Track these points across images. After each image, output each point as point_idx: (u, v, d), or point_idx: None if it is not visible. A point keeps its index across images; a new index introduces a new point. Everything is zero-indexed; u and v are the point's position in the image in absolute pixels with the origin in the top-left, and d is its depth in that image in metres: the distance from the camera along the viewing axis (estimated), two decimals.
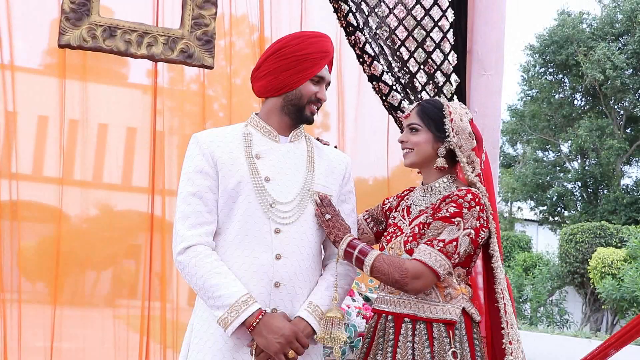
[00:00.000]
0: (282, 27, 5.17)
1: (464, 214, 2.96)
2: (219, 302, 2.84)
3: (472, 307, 3.07)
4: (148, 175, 4.91)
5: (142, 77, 5.15)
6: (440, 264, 2.90)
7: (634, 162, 29.80)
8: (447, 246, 2.91)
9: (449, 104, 3.18)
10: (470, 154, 3.12)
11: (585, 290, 20.75)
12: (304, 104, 3.11)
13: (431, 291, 3.02)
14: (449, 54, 3.81)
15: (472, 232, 2.95)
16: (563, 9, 29.55)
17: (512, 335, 3.02)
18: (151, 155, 4.90)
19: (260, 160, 3.05)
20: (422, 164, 3.22)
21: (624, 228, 20.46)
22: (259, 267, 2.93)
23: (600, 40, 27.79)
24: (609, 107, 28.71)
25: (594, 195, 29.50)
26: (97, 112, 4.86)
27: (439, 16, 3.81)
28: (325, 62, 3.14)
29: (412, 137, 3.19)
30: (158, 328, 4.79)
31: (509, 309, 3.06)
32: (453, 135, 3.10)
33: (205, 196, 2.96)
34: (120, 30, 4.20)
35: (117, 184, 4.90)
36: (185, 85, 5.17)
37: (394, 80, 3.80)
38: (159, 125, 4.98)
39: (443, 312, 2.99)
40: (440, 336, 2.96)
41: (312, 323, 2.95)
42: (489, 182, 3.18)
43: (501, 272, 3.10)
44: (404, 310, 3.05)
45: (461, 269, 3.07)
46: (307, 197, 3.08)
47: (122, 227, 4.92)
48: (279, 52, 3.09)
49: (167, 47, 4.28)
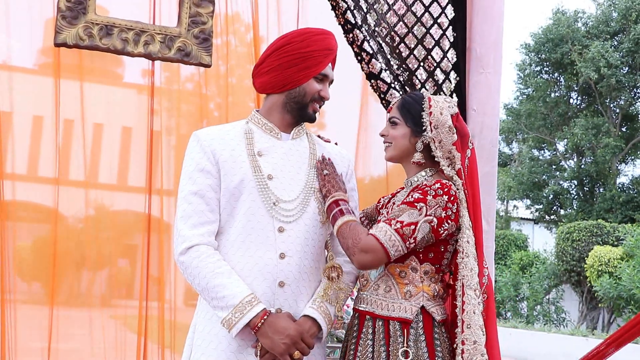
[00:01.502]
0: (277, 25, 5.15)
1: (428, 201, 2.89)
2: (222, 302, 2.80)
3: (433, 306, 2.98)
4: (144, 175, 4.89)
5: (137, 77, 5.13)
6: (394, 244, 2.84)
7: (630, 160, 29.85)
8: (405, 228, 2.85)
9: (431, 97, 3.12)
10: (450, 149, 3.05)
11: (582, 288, 20.76)
12: (307, 102, 3.08)
13: (391, 287, 2.97)
14: (448, 52, 3.78)
15: (435, 220, 2.87)
16: (558, 7, 29.62)
17: (467, 336, 2.88)
18: (149, 155, 4.87)
19: (263, 157, 3.01)
20: (401, 158, 3.18)
21: (620, 226, 20.47)
22: (262, 267, 2.89)
23: (595, 39, 27.86)
24: (604, 105, 28.77)
25: (590, 193, 29.54)
26: (92, 111, 4.84)
27: (438, 13, 3.78)
28: (329, 60, 3.11)
29: (391, 131, 3.15)
30: (155, 328, 4.77)
31: (468, 308, 2.91)
32: (431, 129, 3.04)
33: (207, 195, 2.92)
34: (116, 28, 4.16)
35: (112, 184, 4.88)
36: (181, 84, 5.15)
37: (392, 78, 3.78)
38: (155, 124, 4.96)
39: (400, 310, 2.93)
40: (395, 335, 2.91)
41: (318, 319, 2.91)
42: (473, 178, 3.10)
43: (465, 269, 2.95)
44: (366, 308, 3.02)
45: (430, 265, 2.99)
46: (310, 194, 3.05)
47: (118, 227, 4.90)
48: (283, 48, 3.05)
49: (164, 45, 4.24)
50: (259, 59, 3.16)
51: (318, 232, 3.05)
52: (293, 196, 3.00)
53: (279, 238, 2.93)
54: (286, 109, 3.09)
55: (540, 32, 29.37)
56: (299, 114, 3.10)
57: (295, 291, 2.94)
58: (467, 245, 2.98)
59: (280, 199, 2.96)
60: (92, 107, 4.83)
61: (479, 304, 2.95)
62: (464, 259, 2.97)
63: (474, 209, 3.06)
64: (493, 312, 3.09)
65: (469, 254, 2.98)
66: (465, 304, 2.92)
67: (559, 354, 14.69)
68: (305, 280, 2.98)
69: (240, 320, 2.78)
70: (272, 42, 3.16)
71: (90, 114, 4.81)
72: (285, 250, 2.93)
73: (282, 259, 2.91)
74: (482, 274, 3.04)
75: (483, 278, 3.04)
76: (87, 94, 4.79)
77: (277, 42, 3.11)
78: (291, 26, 5.11)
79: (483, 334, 2.91)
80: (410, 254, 2.96)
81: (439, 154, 3.05)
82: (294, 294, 2.94)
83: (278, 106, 3.11)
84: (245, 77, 5.20)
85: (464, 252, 2.98)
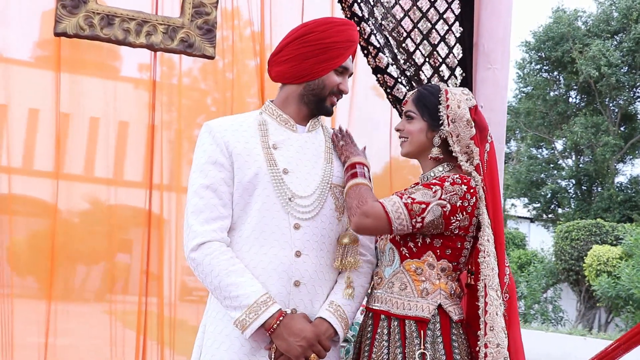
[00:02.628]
0: (278, 19, 5.10)
1: (445, 186, 2.81)
2: (236, 302, 2.70)
3: (450, 305, 2.88)
4: (141, 170, 4.85)
5: (135, 71, 5.07)
6: (399, 216, 2.75)
7: (628, 160, 29.86)
8: (415, 205, 2.76)
9: (448, 89, 3.02)
10: (469, 144, 2.95)
11: (580, 287, 20.73)
12: (325, 95, 2.97)
13: (407, 285, 2.87)
14: (453, 47, 3.73)
15: (449, 206, 2.78)
16: (558, 6, 29.61)
17: (490, 339, 2.77)
18: (148, 150, 4.83)
19: (278, 150, 2.90)
20: (418, 154, 3.08)
21: (619, 226, 20.45)
22: (278, 265, 2.79)
23: (596, 38, 27.85)
24: (603, 104, 28.77)
25: (588, 192, 29.57)
26: (88, 105, 4.78)
27: (445, 8, 3.74)
28: (350, 52, 3.00)
29: (407, 126, 3.05)
30: (153, 324, 4.72)
31: (490, 310, 2.80)
32: (448, 123, 2.94)
33: (220, 189, 2.81)
34: (118, 18, 4.07)
35: (109, 178, 4.82)
36: (178, 79, 5.09)
37: (399, 72, 3.72)
38: (152, 119, 4.92)
39: (416, 308, 2.83)
40: (411, 336, 2.80)
41: (334, 324, 2.81)
42: (493, 174, 3.00)
43: (487, 269, 2.85)
44: (381, 307, 2.92)
45: (447, 262, 2.89)
46: (327, 190, 2.93)
47: (114, 221, 4.84)
48: (304, 37, 2.93)
49: (166, 36, 4.15)
50: (277, 46, 3.04)
51: (335, 230, 2.94)
52: (309, 191, 2.89)
53: (294, 235, 2.83)
54: (303, 100, 2.99)
55: (541, 30, 29.35)
56: (316, 107, 3.00)
57: (311, 291, 2.84)
58: (488, 243, 2.87)
59: (296, 195, 2.85)
60: (88, 100, 4.77)
61: (501, 305, 2.85)
62: (485, 258, 2.87)
63: (493, 206, 2.95)
64: (516, 314, 2.99)
65: (489, 253, 2.87)
66: (488, 305, 2.82)
67: (557, 353, 14.66)
68: (322, 280, 2.87)
69: (255, 321, 2.68)
70: (291, 30, 3.03)
71: (86, 107, 4.76)
72: (301, 248, 2.82)
73: (298, 257, 2.81)
74: (504, 274, 2.94)
75: (505, 278, 2.94)
76: (84, 87, 4.73)
77: (298, 30, 2.99)
78: (291, 21, 5.06)
79: (505, 337, 2.81)
80: (427, 249, 2.88)
81: (457, 149, 2.96)
82: (309, 294, 2.84)
83: (294, 97, 3.00)
84: (243, 72, 5.16)
85: (485, 250, 2.87)
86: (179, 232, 4.78)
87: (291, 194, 2.84)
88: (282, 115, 2.99)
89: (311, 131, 3.03)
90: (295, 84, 2.98)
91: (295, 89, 2.99)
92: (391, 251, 2.97)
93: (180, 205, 4.81)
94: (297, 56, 2.93)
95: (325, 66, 2.92)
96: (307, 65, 2.92)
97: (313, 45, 2.91)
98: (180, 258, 4.81)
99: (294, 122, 2.99)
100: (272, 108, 3.02)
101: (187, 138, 5.01)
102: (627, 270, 16.17)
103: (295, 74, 2.95)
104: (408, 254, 2.92)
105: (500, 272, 2.90)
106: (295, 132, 2.98)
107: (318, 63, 2.91)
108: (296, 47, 2.94)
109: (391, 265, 2.96)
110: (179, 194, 4.86)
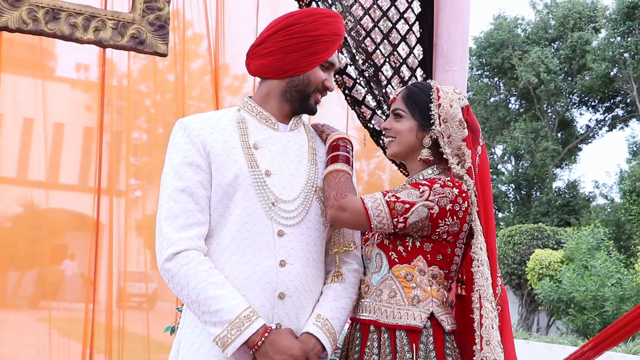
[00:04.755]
0: (226, 21, 5.01)
1: (435, 188, 2.62)
2: (216, 317, 2.44)
3: (443, 314, 2.69)
4: (77, 173, 4.71)
5: (71, 71, 4.94)
6: (379, 214, 2.57)
7: (565, 165, 30.43)
8: (398, 204, 2.58)
9: (439, 87, 2.83)
10: (460, 145, 2.75)
11: (522, 291, 20.94)
12: (310, 92, 2.74)
13: (396, 292, 2.67)
14: (414, 48, 3.65)
15: (436, 208, 2.59)
16: (499, 13, 30.09)
17: (486, 354, 2.58)
18: (85, 152, 4.68)
19: (259, 151, 2.66)
20: (406, 155, 2.87)
21: (560, 230, 20.75)
22: (261, 276, 2.54)
23: (535, 45, 28.39)
24: (542, 110, 29.29)
25: (527, 197, 30.08)
26: (22, 106, 4.63)
27: (405, 7, 3.65)
28: (337, 46, 2.78)
29: (395, 124, 2.83)
30: (87, 330, 4.58)
31: (486, 323, 2.61)
32: (439, 122, 2.75)
33: (196, 192, 2.55)
34: (64, 12, 3.86)
35: (42, 181, 4.66)
36: (117, 80, 4.95)
37: (357, 73, 3.62)
38: (90, 121, 4.78)
39: (407, 317, 2.63)
40: (403, 349, 2.60)
41: (322, 340, 2.58)
42: (484, 178, 2.81)
43: (481, 279, 2.65)
44: (369, 316, 2.70)
45: (438, 269, 2.70)
46: (312, 194, 2.70)
47: (49, 226, 4.69)
48: (289, 29, 2.70)
49: (116, 32, 3.94)
50: (258, 38, 2.80)
51: (321, 237, 2.73)
52: (293, 195, 2.66)
53: (278, 243, 2.59)
54: (285, 97, 2.75)
55: (482, 36, 29.77)
56: (299, 105, 2.77)
57: (296, 304, 2.60)
58: (481, 252, 2.69)
59: (279, 199, 2.62)
60: (22, 101, 4.62)
61: (496, 317, 2.67)
62: (479, 268, 2.68)
63: (485, 212, 2.76)
64: (509, 326, 2.80)
65: (483, 262, 2.68)
66: (484, 318, 2.63)
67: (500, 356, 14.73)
68: (307, 291, 2.65)
69: (238, 338, 2.42)
70: (274, 20, 2.79)
71: (19, 108, 4.61)
72: (286, 257, 2.59)
73: (283, 267, 2.57)
74: (496, 284, 2.75)
75: (497, 288, 2.75)
76: (17, 87, 4.59)
77: (282, 21, 2.75)
78: (243, 22, 4.98)
79: (502, 351, 2.63)
80: (417, 253, 2.69)
81: (448, 151, 2.76)
82: (295, 307, 2.60)
83: (276, 94, 2.76)
84: (184, 74, 5.06)
85: (479, 259, 2.68)
86: (117, 236, 4.65)
87: (274, 198, 2.61)
88: (263, 113, 2.74)
89: (293, 130, 2.79)
90: (278, 79, 2.74)
91: (278, 85, 2.75)
92: (378, 257, 2.77)
93: (119, 210, 4.70)
94: (281, 49, 2.70)
95: (311, 60, 2.71)
96: (291, 59, 2.70)
97: (298, 37, 2.69)
98: (118, 263, 4.69)
99: (275, 119, 2.75)
100: (251, 104, 2.78)
101: (125, 141, 4.89)
102: (569, 274, 16.36)
103: (277, 68, 2.72)
104: (397, 258, 2.72)
105: (493, 283, 2.72)
106: (277, 131, 2.74)
107: (303, 57, 2.70)
108: (280, 39, 2.71)
109: (379, 271, 2.76)
110: (118, 197, 4.73)
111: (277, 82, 2.74)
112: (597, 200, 29.76)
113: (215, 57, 4.99)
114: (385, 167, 5.88)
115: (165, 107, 5.03)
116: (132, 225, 4.90)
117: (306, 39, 2.68)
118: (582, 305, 15.72)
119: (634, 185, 23.60)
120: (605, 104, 30.04)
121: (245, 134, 2.68)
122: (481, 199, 2.75)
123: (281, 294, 2.56)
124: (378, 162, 5.88)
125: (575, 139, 30.08)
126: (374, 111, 3.69)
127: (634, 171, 24.32)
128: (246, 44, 5.13)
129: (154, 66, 4.94)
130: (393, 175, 5.72)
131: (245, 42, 5.05)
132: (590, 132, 30.63)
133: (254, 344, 2.44)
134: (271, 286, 2.55)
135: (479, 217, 2.72)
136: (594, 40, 27.58)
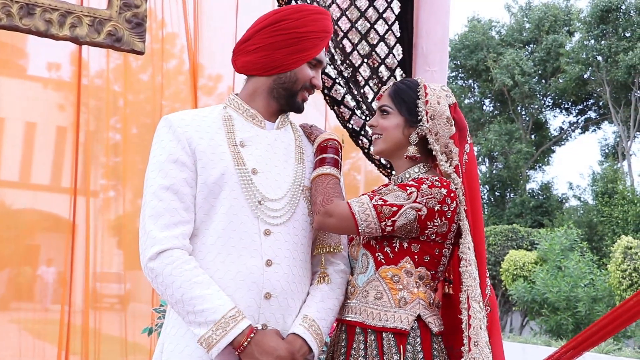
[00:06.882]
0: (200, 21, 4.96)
1: (422, 189, 2.57)
2: (201, 317, 2.39)
3: (430, 315, 2.64)
4: (50, 173, 4.65)
5: (43, 70, 4.87)
6: (367, 218, 2.53)
7: (538, 167, 30.61)
8: (385, 207, 2.54)
9: (427, 84, 2.78)
10: (447, 143, 2.71)
11: (496, 292, 21.04)
12: (297, 90, 2.70)
13: (383, 294, 2.62)
14: (393, 48, 3.62)
15: (425, 210, 2.55)
16: (474, 15, 30.18)
17: (474, 355, 2.53)
18: (58, 152, 4.62)
19: (245, 148, 2.62)
20: (392, 153, 2.81)
21: (534, 231, 20.89)
22: (247, 276, 2.49)
23: (509, 47, 28.53)
24: (516, 112, 29.47)
25: (501, 198, 30.20)
26: None
27: (384, 7, 3.62)
28: (325, 43, 2.74)
29: (382, 121, 2.79)
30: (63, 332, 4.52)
31: (474, 324, 2.56)
32: (427, 119, 2.70)
33: (181, 190, 2.49)
34: (39, 8, 3.77)
35: (14, 181, 4.59)
36: (88, 79, 4.89)
37: (336, 73, 3.58)
38: (62, 120, 4.72)
39: (394, 319, 2.58)
40: (390, 351, 2.55)
41: (309, 341, 2.53)
42: (472, 176, 2.77)
43: (469, 279, 2.61)
44: (355, 317, 2.66)
45: (425, 270, 2.64)
46: (299, 193, 2.66)
47: (20, 226, 4.61)
48: (277, 25, 2.66)
49: (92, 29, 3.85)
50: (245, 34, 2.75)
51: (308, 236, 2.69)
52: (280, 194, 2.62)
53: (264, 242, 2.54)
54: (272, 95, 2.70)
55: (457, 38, 29.87)
56: (286, 102, 2.72)
57: (282, 304, 2.56)
58: (469, 251, 2.65)
59: (266, 197, 2.57)
60: None
61: (484, 318, 2.63)
62: (467, 267, 2.63)
63: (473, 211, 2.73)
64: (498, 327, 2.76)
65: (471, 262, 2.64)
66: (472, 318, 2.58)
67: None
68: (294, 292, 2.60)
69: (223, 339, 2.37)
70: (262, 16, 2.75)
71: None
72: (272, 256, 2.54)
73: (269, 267, 2.52)
74: (485, 284, 2.71)
75: (485, 289, 2.71)
76: None
77: (270, 17, 2.71)
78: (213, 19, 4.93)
79: (490, 352, 2.59)
80: (404, 254, 2.64)
81: (437, 147, 2.71)
82: (281, 307, 2.55)
83: (263, 91, 2.71)
84: (158, 74, 5.01)
85: (467, 259, 2.64)
86: (93, 237, 4.59)
87: (261, 197, 2.57)
88: (249, 110, 2.70)
89: (280, 128, 2.75)
90: (265, 76, 2.70)
91: (264, 82, 2.71)
92: (365, 257, 2.73)
93: (93, 210, 4.64)
94: (268, 45, 2.66)
95: (298, 58, 2.67)
96: (278, 56, 2.66)
97: (286, 34, 2.65)
98: (93, 264, 4.63)
99: (262, 117, 2.71)
100: (237, 102, 2.73)
101: (97, 140, 4.83)
102: (542, 275, 16.46)
103: (264, 65, 2.68)
104: (384, 259, 2.67)
105: (481, 283, 2.69)
106: (264, 129, 2.70)
107: (291, 54, 2.66)
108: (267, 35, 2.67)
109: (365, 272, 2.71)
110: (94, 198, 4.67)
111: (264, 80, 2.70)
112: (570, 202, 30.01)
113: (194, 57, 4.94)
114: (360, 168, 5.86)
115: (139, 107, 4.98)
116: (106, 225, 4.85)
117: (294, 35, 2.65)
118: (556, 306, 15.82)
119: (606, 187, 23.84)
120: (579, 107, 30.31)
121: (231, 131, 2.63)
122: (469, 197, 2.72)
123: (267, 294, 2.52)
124: (353, 162, 5.85)
125: (549, 141, 30.29)
126: (353, 111, 3.65)
127: (606, 173, 24.54)
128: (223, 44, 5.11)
129: (124, 66, 4.88)
130: (368, 177, 5.69)
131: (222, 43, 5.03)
132: (564, 134, 30.89)
133: (240, 344, 2.39)
134: (257, 286, 2.51)
135: (466, 216, 2.68)
136: (568, 43, 27.81)
